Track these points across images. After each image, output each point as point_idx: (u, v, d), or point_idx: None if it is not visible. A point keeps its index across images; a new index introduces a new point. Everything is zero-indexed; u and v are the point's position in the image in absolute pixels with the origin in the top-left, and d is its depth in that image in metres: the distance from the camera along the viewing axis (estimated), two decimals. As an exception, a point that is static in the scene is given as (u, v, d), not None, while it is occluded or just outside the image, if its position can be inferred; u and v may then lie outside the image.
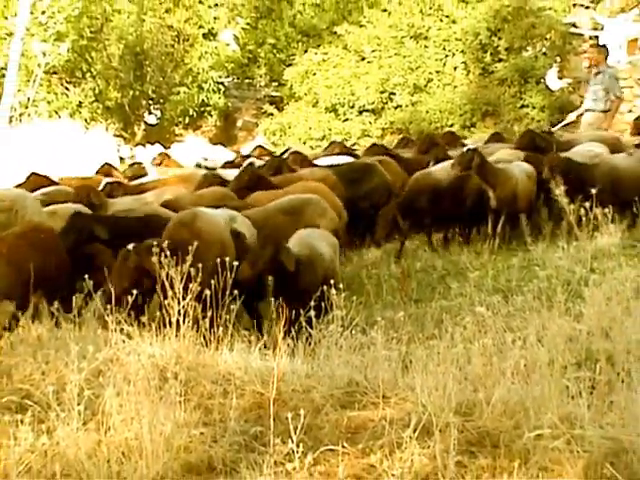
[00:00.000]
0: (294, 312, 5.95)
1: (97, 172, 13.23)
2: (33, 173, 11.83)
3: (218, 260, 5.76)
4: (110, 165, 13.74)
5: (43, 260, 6.71)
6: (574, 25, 28.69)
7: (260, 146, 17.00)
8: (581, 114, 14.12)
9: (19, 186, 10.62)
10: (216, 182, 10.33)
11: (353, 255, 10.05)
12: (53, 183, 11.19)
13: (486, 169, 9.78)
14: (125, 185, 11.12)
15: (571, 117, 15.07)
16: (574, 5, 39.72)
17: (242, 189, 9.66)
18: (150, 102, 27.14)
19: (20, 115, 22.72)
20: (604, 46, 15.18)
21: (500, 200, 9.65)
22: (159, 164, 14.75)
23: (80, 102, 24.71)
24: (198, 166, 16.22)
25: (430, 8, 21.92)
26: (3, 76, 22.15)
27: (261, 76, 27.71)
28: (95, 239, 7.45)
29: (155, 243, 5.83)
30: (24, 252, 6.73)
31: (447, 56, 21.54)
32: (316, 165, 11.83)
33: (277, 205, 8.46)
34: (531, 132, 12.29)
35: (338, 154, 13.08)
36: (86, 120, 23.80)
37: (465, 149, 10.23)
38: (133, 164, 15.77)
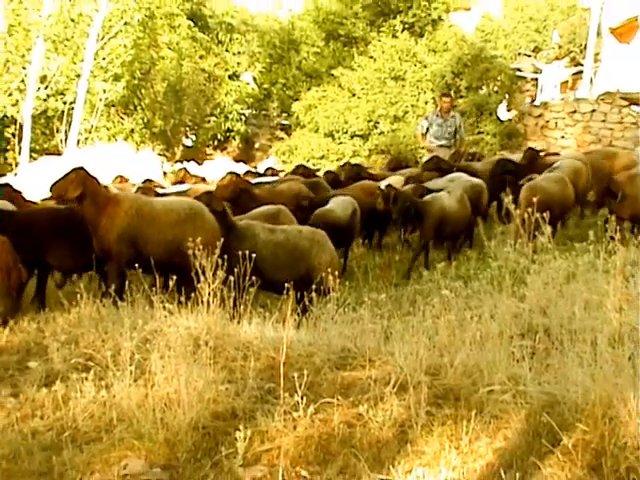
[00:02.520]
0: (299, 294, 5.99)
1: (143, 182, 13.16)
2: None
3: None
4: (150, 180, 13.64)
5: None
6: (519, 69, 28.80)
7: (270, 168, 16.74)
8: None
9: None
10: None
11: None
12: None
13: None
14: (154, 190, 10.94)
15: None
16: (519, 54, 39.86)
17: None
18: (187, 129, 27.21)
19: (85, 139, 22.75)
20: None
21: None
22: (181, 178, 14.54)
23: (132, 129, 24.75)
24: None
25: (407, 55, 21.93)
26: (72, 109, 22.16)
27: (274, 108, 27.81)
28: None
29: None
30: None
31: (420, 93, 21.51)
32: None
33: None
34: (436, 157, 11.85)
35: (302, 174, 12.82)
36: (137, 143, 23.85)
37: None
38: (180, 169, 15.74)
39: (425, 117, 13.83)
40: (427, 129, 13.10)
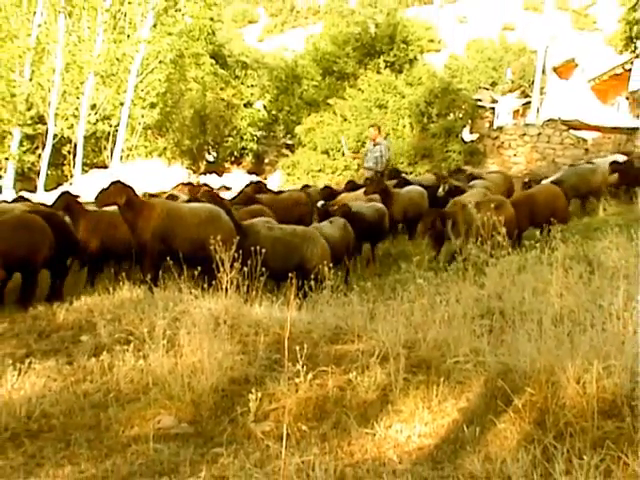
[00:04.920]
0: (300, 282, 5.97)
1: (173, 188, 12.90)
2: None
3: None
4: (184, 184, 13.49)
5: None
6: (479, 100, 28.85)
7: (224, 185, 15.99)
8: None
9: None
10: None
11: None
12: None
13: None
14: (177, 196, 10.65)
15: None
16: (479, 87, 39.95)
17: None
18: (209, 147, 27.27)
19: (127, 155, 22.82)
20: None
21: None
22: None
23: (165, 147, 24.81)
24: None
25: (388, 88, 21.89)
26: (116, 131, 22.19)
27: (280, 131, 27.85)
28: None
29: None
30: None
31: (399, 119, 21.47)
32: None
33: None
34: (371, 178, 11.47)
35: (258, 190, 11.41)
36: (168, 159, 23.93)
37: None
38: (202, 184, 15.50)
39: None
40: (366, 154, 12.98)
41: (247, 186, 11.20)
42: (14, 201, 9.14)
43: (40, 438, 3.58)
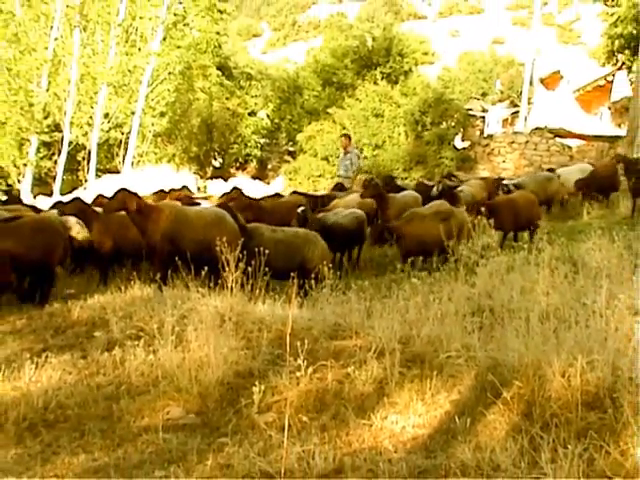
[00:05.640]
0: (302, 282, 5.96)
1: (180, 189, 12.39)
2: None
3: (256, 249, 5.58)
4: (187, 188, 13.12)
5: None
6: (470, 109, 28.86)
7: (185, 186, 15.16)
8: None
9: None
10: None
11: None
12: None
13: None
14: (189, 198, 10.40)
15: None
16: (470, 97, 39.92)
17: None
18: (215, 153, 27.24)
19: (138, 161, 22.78)
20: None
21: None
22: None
23: (174, 154, 24.78)
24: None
25: (385, 98, 21.93)
26: (128, 138, 22.22)
27: (282, 138, 27.84)
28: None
29: None
30: None
31: (395, 127, 21.50)
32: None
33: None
34: (340, 184, 11.54)
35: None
36: (177, 165, 23.88)
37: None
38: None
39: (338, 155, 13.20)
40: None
41: (227, 193, 10.43)
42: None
43: (56, 428, 3.60)
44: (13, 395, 3.87)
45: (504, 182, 10.82)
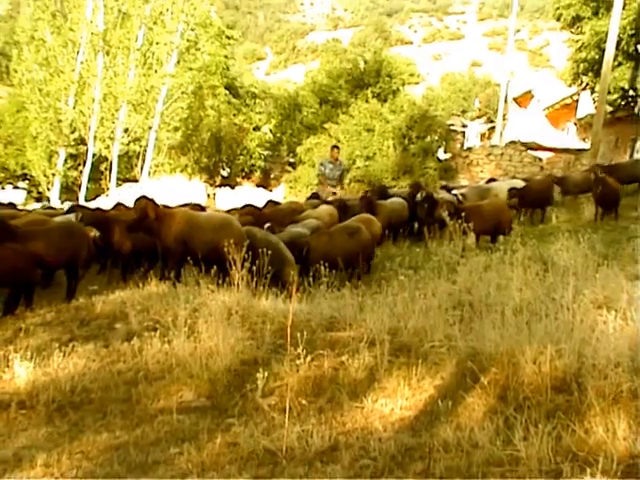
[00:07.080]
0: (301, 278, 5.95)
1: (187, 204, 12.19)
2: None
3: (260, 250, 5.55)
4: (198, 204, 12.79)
5: None
6: (452, 125, 28.86)
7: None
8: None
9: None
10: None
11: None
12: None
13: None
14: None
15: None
16: (452, 114, 39.95)
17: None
18: (224, 164, 27.20)
19: (154, 171, 22.83)
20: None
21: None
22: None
23: (186, 165, 24.76)
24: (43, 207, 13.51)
25: (375, 114, 21.90)
26: (145, 150, 22.25)
27: (284, 150, 27.75)
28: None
29: None
30: None
31: (384, 140, 21.46)
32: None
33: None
34: (316, 193, 11.32)
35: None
36: (189, 174, 23.85)
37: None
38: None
39: (321, 163, 12.54)
40: (326, 171, 12.12)
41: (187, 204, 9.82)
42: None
43: (82, 409, 3.59)
44: (43, 380, 3.87)
45: (453, 192, 10.94)
